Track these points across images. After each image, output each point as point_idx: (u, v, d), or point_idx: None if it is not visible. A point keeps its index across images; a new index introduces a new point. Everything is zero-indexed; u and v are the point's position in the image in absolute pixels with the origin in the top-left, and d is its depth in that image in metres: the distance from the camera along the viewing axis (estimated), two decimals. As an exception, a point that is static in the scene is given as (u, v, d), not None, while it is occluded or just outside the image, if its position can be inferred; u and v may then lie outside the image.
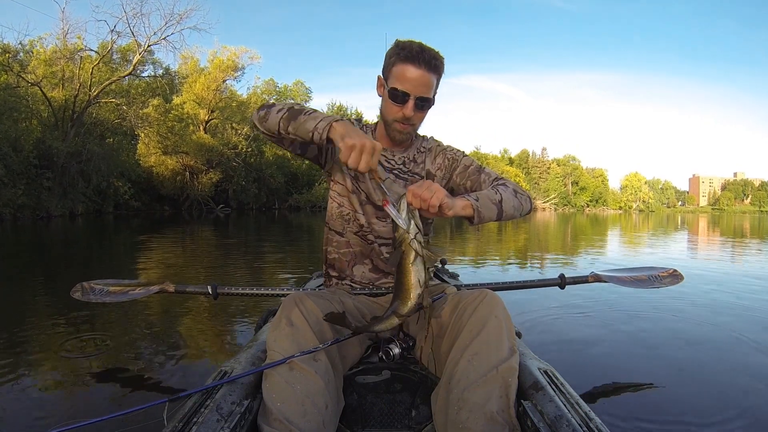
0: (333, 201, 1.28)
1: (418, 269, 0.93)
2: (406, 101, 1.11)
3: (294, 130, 1.04)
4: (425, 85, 1.10)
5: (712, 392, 1.77)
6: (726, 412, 1.58)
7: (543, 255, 6.86)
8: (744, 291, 3.90)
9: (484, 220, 1.06)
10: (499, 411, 0.86)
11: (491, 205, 1.08)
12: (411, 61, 1.08)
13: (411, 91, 1.10)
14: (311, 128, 1.00)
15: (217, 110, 27.09)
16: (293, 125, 1.04)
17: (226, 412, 0.85)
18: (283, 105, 1.10)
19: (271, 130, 1.09)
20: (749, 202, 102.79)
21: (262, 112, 1.11)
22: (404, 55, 1.08)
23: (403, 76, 1.09)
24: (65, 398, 1.65)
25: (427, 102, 1.13)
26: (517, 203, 1.15)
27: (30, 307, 3.09)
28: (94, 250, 7.52)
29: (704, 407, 1.63)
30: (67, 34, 18.70)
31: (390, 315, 0.98)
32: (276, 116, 1.07)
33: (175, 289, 1.63)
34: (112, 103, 19.89)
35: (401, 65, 1.09)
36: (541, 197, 68.53)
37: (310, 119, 1.02)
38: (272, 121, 1.08)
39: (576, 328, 2.65)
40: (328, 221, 1.30)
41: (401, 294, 0.95)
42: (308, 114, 1.04)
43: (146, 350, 2.21)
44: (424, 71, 1.09)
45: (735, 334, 2.53)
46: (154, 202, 23.75)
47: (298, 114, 1.04)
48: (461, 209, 1.01)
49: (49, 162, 16.21)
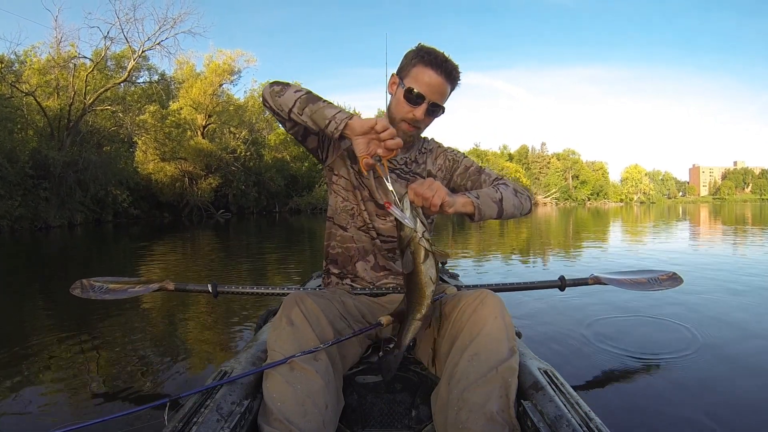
0: (337, 195, 1.27)
1: (429, 267, 0.92)
2: (420, 103, 1.12)
3: (310, 113, 1.02)
4: (441, 93, 1.12)
5: (711, 392, 1.76)
6: (726, 412, 1.58)
7: (544, 254, 6.80)
8: (745, 290, 3.79)
9: (484, 218, 1.07)
10: (499, 411, 0.86)
11: (491, 203, 1.10)
12: (433, 67, 1.09)
13: (427, 95, 1.10)
14: (329, 116, 0.98)
15: (214, 115, 26.92)
16: (310, 108, 1.02)
17: (226, 412, 0.85)
18: (301, 87, 1.08)
19: (283, 107, 1.06)
20: (750, 191, 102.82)
21: (277, 87, 1.08)
22: (428, 59, 1.09)
23: (422, 79, 1.10)
24: (66, 399, 1.64)
25: (438, 109, 1.14)
26: (517, 202, 1.17)
27: (30, 311, 3.08)
28: (93, 257, 7.59)
29: (704, 407, 1.62)
30: (60, 43, 18.52)
31: (411, 321, 0.97)
32: (293, 95, 1.05)
33: (174, 287, 1.62)
34: (107, 111, 19.69)
35: (422, 68, 1.10)
36: (541, 192, 68.26)
37: (328, 107, 1.00)
38: (287, 99, 1.05)
39: (576, 328, 2.66)
40: (332, 216, 1.28)
41: (416, 295, 0.94)
42: (326, 102, 1.02)
43: (147, 351, 2.20)
44: (443, 80, 1.10)
45: (736, 335, 2.51)
46: (153, 210, 23.57)
47: (317, 99, 1.03)
48: (462, 206, 1.03)
49: (45, 172, 16.03)
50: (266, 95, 1.11)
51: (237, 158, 26.65)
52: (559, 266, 5.39)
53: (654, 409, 1.60)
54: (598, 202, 72.22)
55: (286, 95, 1.06)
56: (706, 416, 1.55)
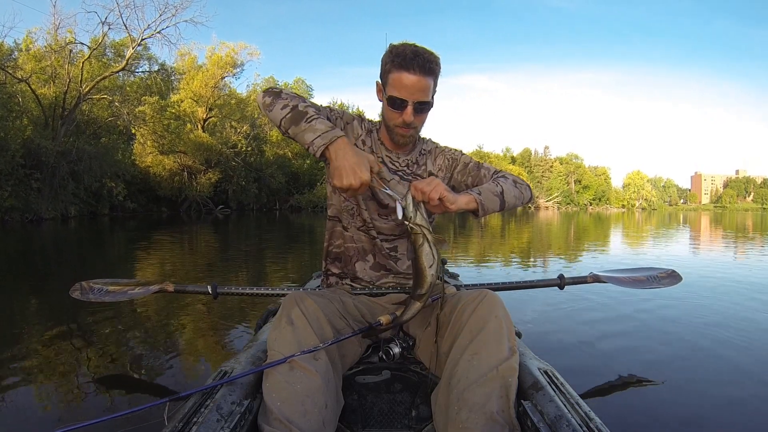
0: (339, 195, 1.27)
1: (428, 253, 0.97)
2: (405, 107, 1.11)
3: (293, 135, 1.03)
4: (422, 90, 1.10)
5: (711, 392, 1.76)
6: (726, 412, 1.59)
7: (544, 256, 6.83)
8: (745, 291, 3.84)
9: (488, 212, 1.09)
10: (499, 411, 0.86)
11: (493, 197, 1.12)
12: (406, 68, 1.07)
13: (408, 98, 1.10)
14: (308, 141, 0.98)
15: (215, 108, 26.41)
16: (293, 130, 1.02)
17: (226, 412, 0.85)
18: (289, 100, 1.06)
19: (273, 122, 1.08)
20: (752, 200, 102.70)
21: (267, 99, 1.08)
22: (398, 62, 1.08)
23: (399, 84, 1.09)
24: (66, 399, 1.63)
25: (425, 105, 1.13)
26: (518, 192, 1.19)
27: (27, 310, 3.03)
28: (85, 253, 7.19)
29: (704, 407, 1.64)
30: (58, 29, 17.95)
31: (411, 301, 1.02)
32: (279, 113, 1.05)
33: (174, 289, 1.63)
34: (104, 101, 19.11)
35: (397, 72, 1.08)
36: (544, 196, 67.81)
37: (309, 131, 0.99)
38: (275, 115, 1.06)
39: (576, 328, 2.65)
40: (332, 215, 1.30)
41: (417, 278, 0.99)
42: (310, 122, 1.01)
43: (147, 351, 2.18)
44: (420, 76, 1.08)
45: (735, 335, 2.51)
46: (151, 204, 23.10)
47: (300, 119, 1.02)
48: (465, 204, 1.05)
49: (37, 162, 15.52)
50: (260, 106, 1.12)
51: (238, 153, 26.12)
52: (559, 268, 5.38)
53: (654, 409, 1.60)
54: (600, 207, 71.81)
55: (273, 111, 1.06)
56: (706, 416, 1.56)
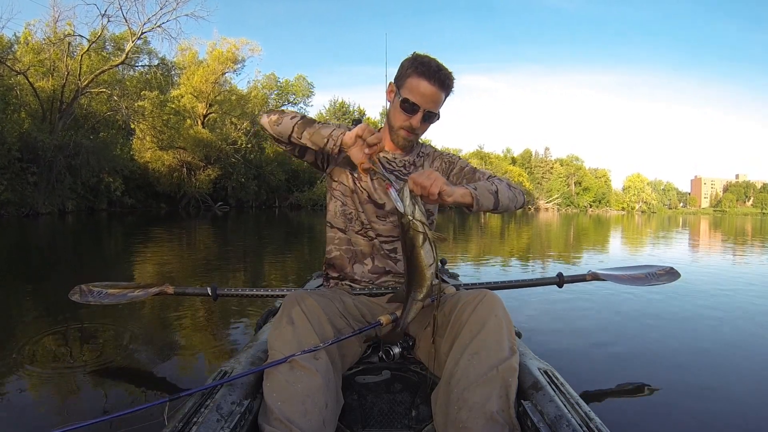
0: (336, 200, 1.30)
1: (427, 251, 0.97)
2: (416, 112, 1.18)
3: (309, 136, 1.11)
4: (435, 102, 1.17)
5: (711, 392, 1.76)
6: (725, 412, 1.58)
7: (543, 257, 6.84)
8: (744, 292, 3.84)
9: (482, 208, 1.10)
10: (499, 411, 0.86)
11: (488, 194, 1.13)
12: (427, 78, 1.14)
13: (422, 104, 1.16)
14: (326, 135, 1.08)
15: (216, 104, 26.18)
16: (308, 132, 1.11)
17: (226, 412, 0.84)
18: (295, 113, 1.17)
19: (283, 134, 1.14)
20: (751, 204, 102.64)
21: (274, 116, 1.16)
22: (422, 70, 1.14)
23: (416, 89, 1.15)
24: (66, 399, 1.62)
25: (433, 116, 1.21)
26: (512, 195, 1.21)
27: (26, 310, 3.02)
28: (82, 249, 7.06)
29: (703, 407, 1.63)
30: (57, 21, 17.70)
31: (412, 301, 1.02)
32: (290, 122, 1.14)
33: (174, 291, 1.63)
34: (103, 94, 18.85)
35: (417, 79, 1.14)
36: (544, 197, 67.59)
37: (324, 128, 1.10)
38: (285, 126, 1.13)
39: (576, 328, 2.66)
40: (331, 220, 1.32)
41: (416, 277, 0.99)
42: (321, 124, 1.12)
43: (147, 351, 2.18)
44: (437, 89, 1.15)
45: (735, 335, 2.49)
46: (149, 199, 22.89)
47: (313, 123, 1.13)
48: (461, 197, 1.05)
49: (34, 156, 15.30)
50: (265, 125, 1.17)
51: (237, 150, 25.89)
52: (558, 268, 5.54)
53: (654, 409, 1.60)
54: (600, 210, 71.61)
55: (283, 123, 1.14)
56: (706, 416, 1.56)
